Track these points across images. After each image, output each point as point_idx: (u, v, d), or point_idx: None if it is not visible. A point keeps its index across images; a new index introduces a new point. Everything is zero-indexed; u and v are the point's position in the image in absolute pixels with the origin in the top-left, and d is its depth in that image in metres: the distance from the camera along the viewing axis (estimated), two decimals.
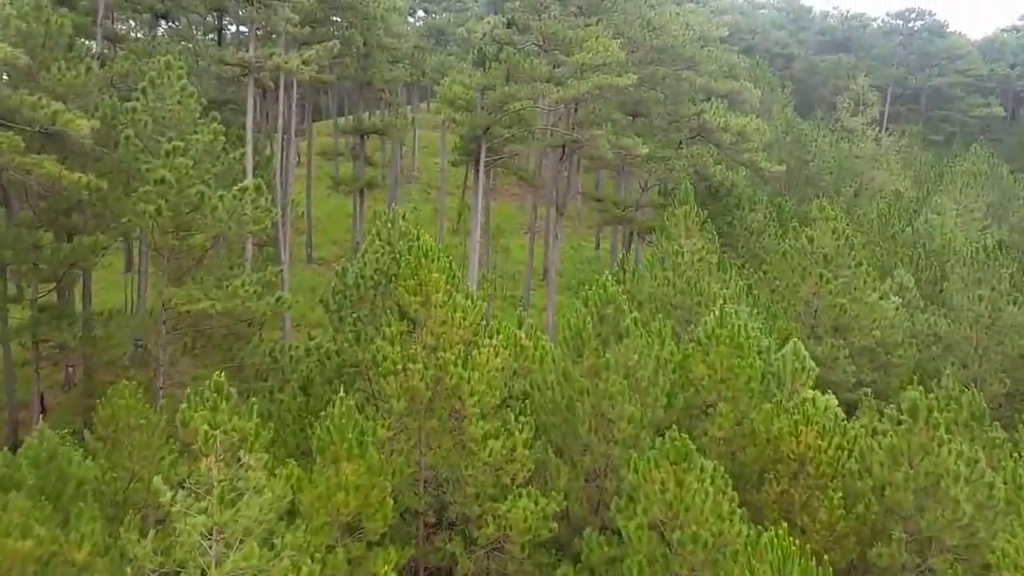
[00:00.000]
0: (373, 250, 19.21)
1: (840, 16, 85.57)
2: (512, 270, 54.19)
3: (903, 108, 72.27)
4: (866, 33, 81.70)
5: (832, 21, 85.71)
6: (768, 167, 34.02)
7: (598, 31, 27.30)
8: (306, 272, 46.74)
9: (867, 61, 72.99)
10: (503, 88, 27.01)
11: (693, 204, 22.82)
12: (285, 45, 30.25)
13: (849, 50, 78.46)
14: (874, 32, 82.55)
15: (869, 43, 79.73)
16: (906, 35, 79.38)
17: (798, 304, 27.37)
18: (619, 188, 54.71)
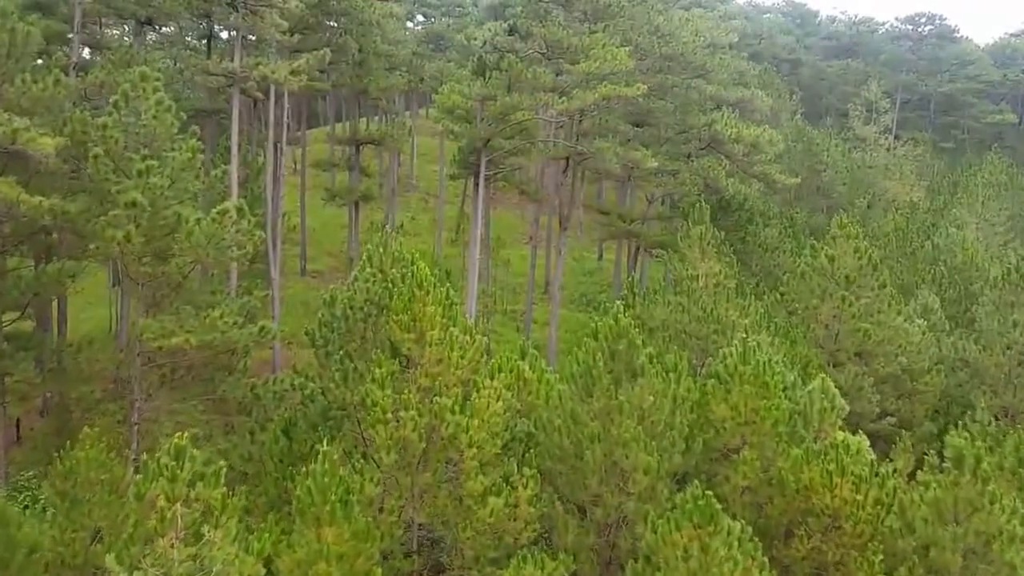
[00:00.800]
0: (364, 277, 17.69)
1: (848, 21, 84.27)
2: (513, 283, 52.77)
3: (911, 114, 70.87)
4: (874, 38, 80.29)
5: (839, 26, 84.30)
6: (782, 179, 32.54)
7: (605, 38, 25.86)
8: (299, 285, 45.22)
9: (876, 67, 71.57)
10: (504, 99, 25.55)
11: (708, 224, 21.32)
12: (276, 53, 28.83)
13: (856, 55, 77.02)
14: (882, 37, 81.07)
15: (877, 48, 78.32)
16: (915, 40, 77.98)
17: (818, 328, 25.86)
18: (623, 199, 53.24)
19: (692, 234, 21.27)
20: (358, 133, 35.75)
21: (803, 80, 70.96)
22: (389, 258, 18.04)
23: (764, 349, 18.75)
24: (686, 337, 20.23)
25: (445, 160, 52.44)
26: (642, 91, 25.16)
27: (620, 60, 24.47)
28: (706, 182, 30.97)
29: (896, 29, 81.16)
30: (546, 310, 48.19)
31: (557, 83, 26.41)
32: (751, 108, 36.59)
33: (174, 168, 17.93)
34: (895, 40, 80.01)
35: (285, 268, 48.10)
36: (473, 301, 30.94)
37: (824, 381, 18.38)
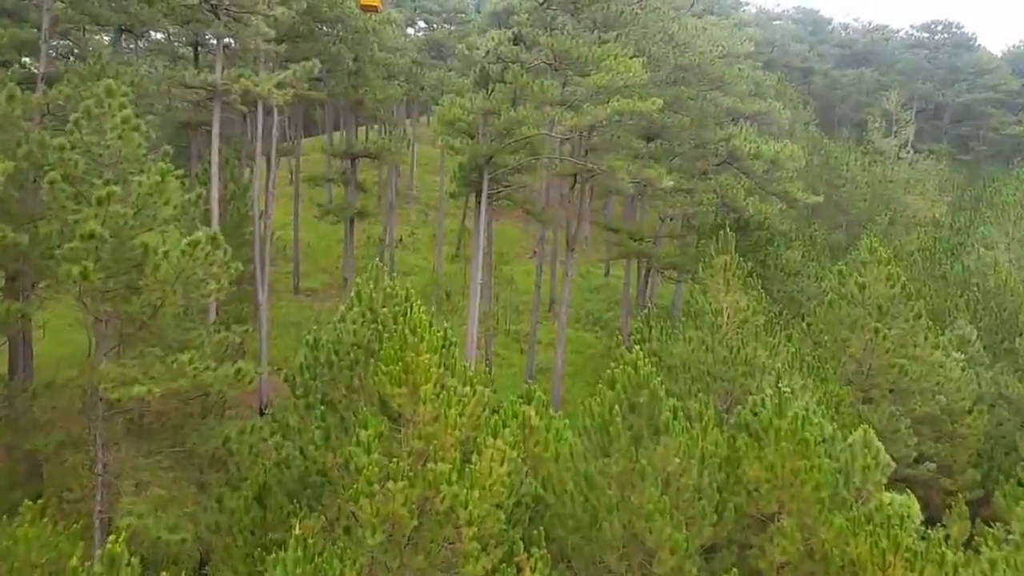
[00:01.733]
0: (352, 317, 15.90)
1: (861, 28, 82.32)
2: (516, 300, 50.94)
3: (926, 125, 69.02)
4: (888, 46, 78.51)
5: (852, 34, 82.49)
6: (803, 198, 30.73)
7: (617, 48, 24.10)
8: (292, 305, 43.42)
9: (891, 76, 69.78)
10: (509, 113, 23.77)
11: (734, 253, 19.49)
12: (263, 63, 27.10)
13: (870, 64, 75.22)
14: (897, 45, 79.25)
15: (892, 57, 76.50)
16: (931, 49, 76.18)
17: (848, 362, 24.02)
18: (631, 213, 51.42)
19: (715, 264, 19.47)
20: (353, 147, 34.00)
21: (815, 89, 69.20)
22: (380, 295, 16.23)
23: (798, 395, 16.93)
24: (711, 380, 18.39)
25: (445, 174, 50.79)
26: (658, 106, 23.39)
27: (634, 72, 22.71)
28: (723, 201, 29.18)
29: (911, 37, 79.41)
30: (551, 329, 46.37)
31: (565, 96, 24.63)
32: (768, 121, 34.80)
33: (140, 194, 16.13)
34: (910, 48, 78.21)
35: (277, 286, 46.35)
36: (474, 326, 29.12)
37: (866, 433, 16.54)
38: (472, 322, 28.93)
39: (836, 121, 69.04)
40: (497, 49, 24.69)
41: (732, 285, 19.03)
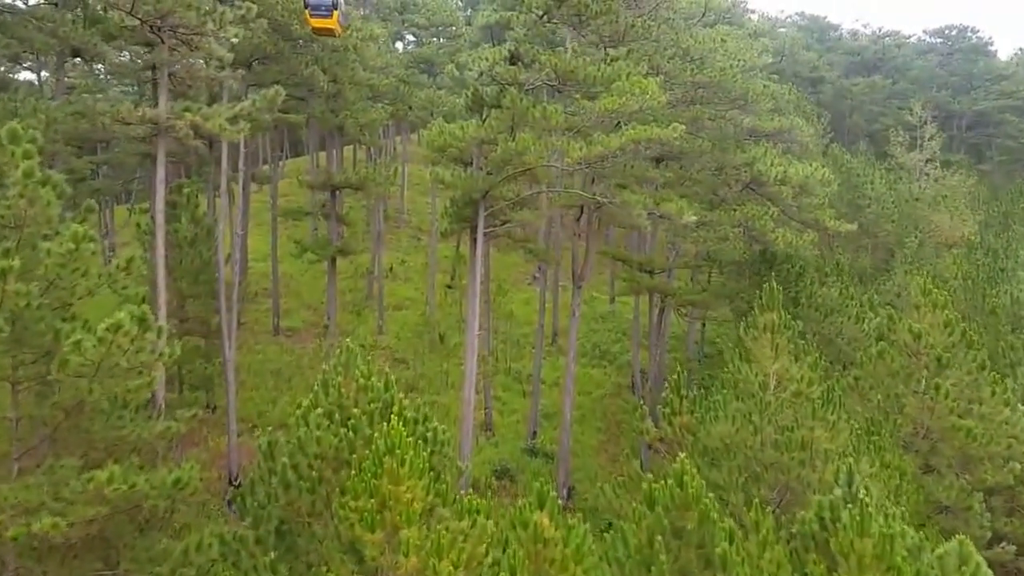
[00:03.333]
0: (314, 421, 12.67)
1: (872, 35, 79.52)
2: (516, 333, 47.76)
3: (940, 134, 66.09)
4: (900, 53, 75.71)
5: (862, 40, 79.63)
6: (836, 226, 27.67)
7: (629, 67, 21.02)
8: (270, 348, 40.11)
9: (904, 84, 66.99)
10: (507, 144, 20.65)
11: (781, 310, 16.35)
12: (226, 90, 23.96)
13: (881, 72, 72.41)
14: (908, 52, 76.42)
15: (904, 64, 73.70)
16: (944, 55, 73.46)
17: (903, 423, 20.86)
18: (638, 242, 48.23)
19: (759, 322, 16.34)
20: (334, 178, 30.87)
21: (824, 99, 66.34)
22: (352, 386, 13.03)
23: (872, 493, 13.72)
24: (761, 469, 15.20)
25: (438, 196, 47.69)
26: (679, 132, 20.33)
27: (651, 94, 19.65)
28: (750, 233, 26.13)
29: (923, 43, 76.65)
30: (555, 365, 43.13)
31: (571, 122, 21.54)
32: (789, 139, 31.74)
33: (49, 265, 12.95)
34: (922, 55, 75.45)
35: (255, 326, 43.07)
36: (472, 378, 25.87)
37: (963, 545, 13.33)
38: (469, 375, 25.71)
39: (847, 132, 66.23)
40: (492, 70, 21.59)
41: (781, 349, 15.88)
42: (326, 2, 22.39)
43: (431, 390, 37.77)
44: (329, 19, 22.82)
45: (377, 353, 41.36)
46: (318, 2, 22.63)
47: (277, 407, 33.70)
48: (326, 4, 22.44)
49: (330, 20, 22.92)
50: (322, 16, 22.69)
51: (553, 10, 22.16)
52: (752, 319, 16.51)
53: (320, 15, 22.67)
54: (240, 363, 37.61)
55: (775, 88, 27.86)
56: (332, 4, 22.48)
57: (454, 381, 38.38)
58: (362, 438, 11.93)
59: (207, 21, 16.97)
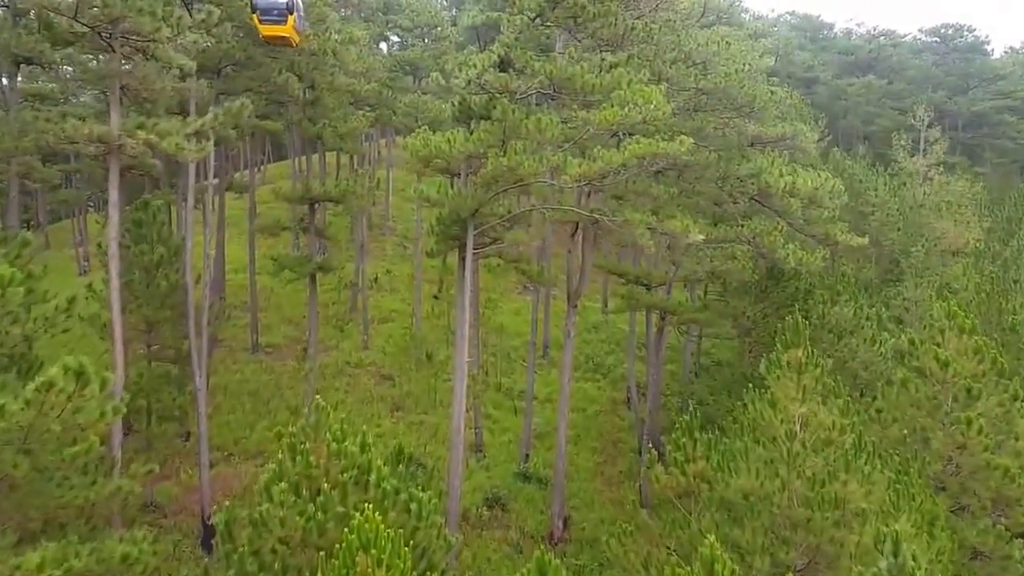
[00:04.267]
0: (277, 495, 10.83)
1: (866, 34, 78.11)
2: (506, 345, 45.98)
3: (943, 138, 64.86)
4: (895, 52, 74.34)
5: (856, 40, 78.21)
6: (847, 240, 26.06)
7: (629, 74, 19.28)
8: (249, 367, 38.14)
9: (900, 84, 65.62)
10: (499, 160, 18.88)
11: (807, 346, 14.65)
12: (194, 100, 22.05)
13: (876, 72, 70.99)
14: (903, 51, 75.04)
15: (899, 64, 72.32)
16: (941, 54, 72.18)
17: (932, 460, 19.24)
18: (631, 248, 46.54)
19: (783, 361, 14.63)
20: (312, 191, 28.96)
21: (819, 100, 64.79)
22: (321, 454, 11.21)
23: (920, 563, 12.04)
24: (790, 531, 13.49)
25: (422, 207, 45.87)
26: (687, 146, 18.62)
27: (655, 104, 17.94)
28: (759, 250, 24.47)
29: (919, 42, 75.32)
30: (547, 379, 41.40)
31: (568, 133, 19.79)
32: (792, 146, 30.07)
33: None
34: (917, 54, 74.13)
35: (232, 343, 41.04)
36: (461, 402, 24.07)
37: None
38: (458, 404, 23.91)
39: (841, 134, 64.84)
40: (480, 77, 19.80)
41: (809, 391, 14.19)
42: (278, 4, 18.11)
43: (418, 408, 36.00)
44: (283, 25, 18.55)
45: (362, 370, 39.63)
46: (268, 4, 18.27)
47: (255, 432, 31.83)
48: (278, 7, 18.14)
49: (284, 27, 18.63)
50: (274, 22, 18.45)
51: (547, 12, 20.42)
52: (775, 356, 14.81)
53: (272, 20, 18.36)
54: (216, 384, 35.71)
55: (782, 94, 26.17)
56: (287, 6, 18.11)
57: (442, 398, 36.60)
58: (334, 517, 10.12)
59: (162, 27, 15.11)
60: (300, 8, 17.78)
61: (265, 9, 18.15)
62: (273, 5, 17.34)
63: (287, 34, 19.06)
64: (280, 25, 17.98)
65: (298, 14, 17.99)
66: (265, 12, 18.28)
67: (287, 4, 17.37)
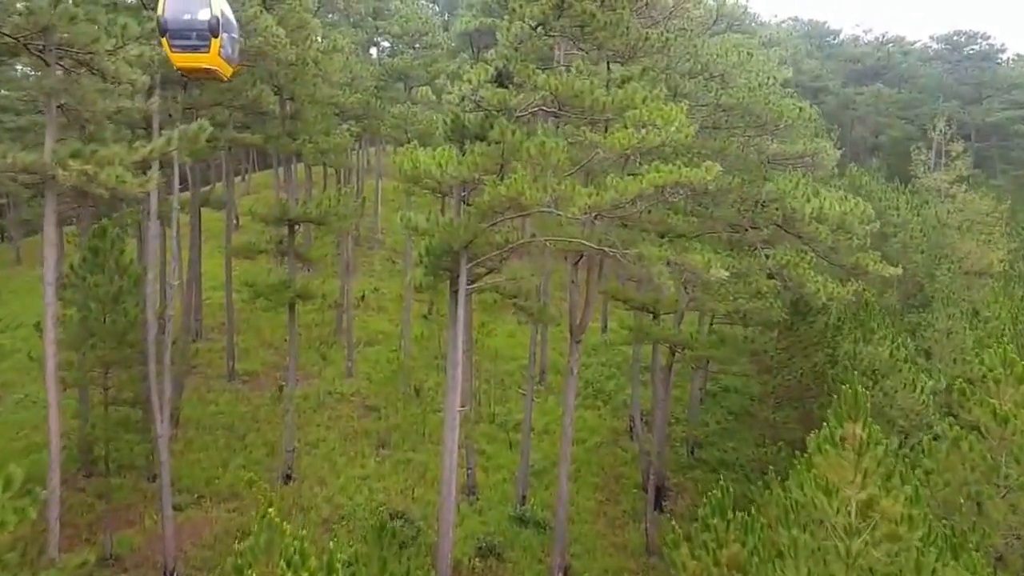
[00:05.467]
0: None
1: (874, 42, 76.06)
2: (500, 370, 43.71)
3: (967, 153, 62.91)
4: (906, 60, 72.38)
5: (864, 47, 76.24)
6: (879, 270, 23.94)
7: (645, 89, 17.09)
8: (224, 396, 35.71)
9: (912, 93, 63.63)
10: (496, 188, 16.66)
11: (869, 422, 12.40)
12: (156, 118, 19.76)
13: (884, 80, 69.05)
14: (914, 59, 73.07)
15: (909, 72, 70.37)
16: (953, 63, 70.29)
17: (992, 533, 17.04)
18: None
19: (837, 436, 12.40)
20: (289, 211, 26.70)
21: (827, 110, 62.89)
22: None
23: None
24: None
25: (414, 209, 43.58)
26: (714, 174, 16.45)
27: (677, 125, 15.73)
28: (785, 284, 22.31)
29: (930, 50, 73.44)
30: (544, 408, 39.16)
31: (576, 158, 17.58)
32: (812, 164, 27.94)
33: None
34: (928, 62, 72.24)
35: (208, 370, 38.64)
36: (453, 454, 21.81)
37: None
38: (449, 453, 21.63)
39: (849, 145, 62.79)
40: (475, 93, 17.59)
41: (870, 474, 11.97)
42: (196, 25, 11.97)
43: (405, 444, 33.63)
44: (203, 53, 12.25)
45: (345, 401, 37.26)
46: (182, 25, 12.08)
47: (228, 472, 29.43)
48: (197, 28, 12.00)
49: (205, 55, 12.41)
50: (191, 48, 12.11)
51: (551, 20, 18.22)
52: (827, 431, 12.58)
53: (187, 47, 12.03)
54: (188, 418, 33.35)
55: (809, 110, 24.06)
56: (209, 27, 12.10)
57: (431, 432, 34.31)
58: None
59: (102, 37, 12.86)
60: (233, 27, 12.25)
61: (178, 31, 12.05)
62: (189, 26, 11.51)
63: (210, 65, 12.60)
64: (199, 53, 11.87)
65: (228, 36, 12.21)
66: (178, 35, 12.16)
67: (209, 24, 11.55)
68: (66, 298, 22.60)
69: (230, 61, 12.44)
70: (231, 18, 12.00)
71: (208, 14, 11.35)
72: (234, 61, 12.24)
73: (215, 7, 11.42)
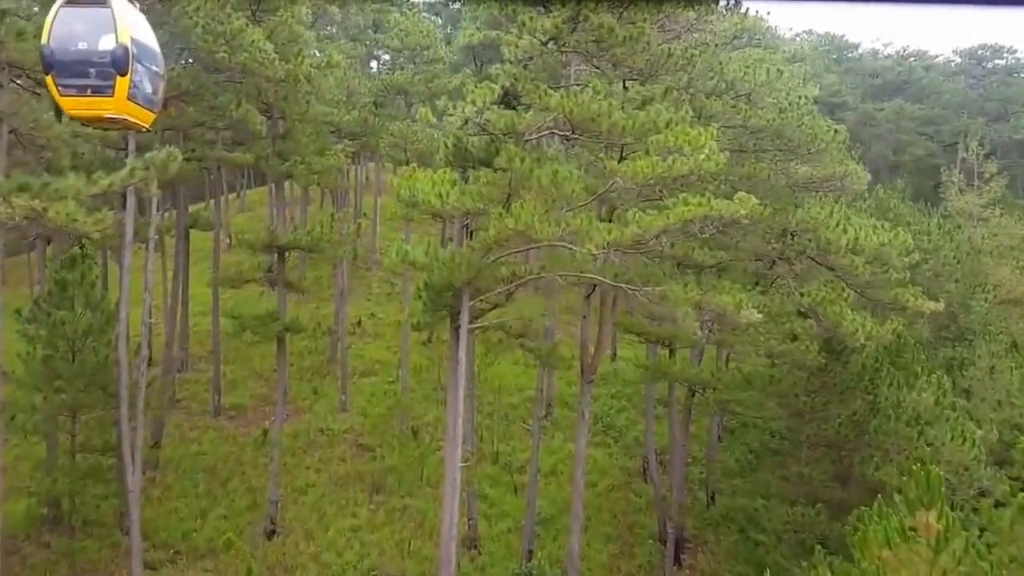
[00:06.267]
0: None
1: (895, 55, 74.82)
2: (503, 403, 42.04)
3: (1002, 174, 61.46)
4: (927, 75, 71.08)
5: (884, 61, 75.00)
6: (919, 306, 22.40)
7: (669, 112, 15.65)
8: (208, 434, 34.03)
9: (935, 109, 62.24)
10: (502, 221, 15.19)
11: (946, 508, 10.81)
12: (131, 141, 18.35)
13: (905, 95, 67.69)
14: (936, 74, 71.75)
15: (930, 87, 69.05)
16: (978, 77, 68.97)
17: None
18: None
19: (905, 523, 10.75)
20: (278, 239, 25.25)
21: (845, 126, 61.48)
22: None
23: None
24: None
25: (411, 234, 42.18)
26: (750, 207, 14.98)
27: (707, 152, 14.26)
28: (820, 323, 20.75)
29: (953, 64, 72.12)
30: (551, 445, 37.52)
31: (590, 184, 16.13)
32: (842, 188, 26.49)
33: None
34: (951, 77, 70.93)
35: (192, 404, 37.08)
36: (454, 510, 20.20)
37: None
38: (450, 507, 20.02)
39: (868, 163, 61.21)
40: (480, 116, 16.17)
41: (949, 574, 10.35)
42: (92, 58, 7.29)
43: (402, 489, 31.86)
44: (105, 98, 7.41)
45: (338, 440, 35.57)
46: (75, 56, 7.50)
47: (207, 524, 27.66)
48: (95, 61, 7.30)
49: (108, 100, 7.54)
50: (88, 91, 7.41)
51: (564, 35, 16.81)
52: (898, 518, 10.96)
53: (82, 88, 7.51)
54: (168, 460, 31.68)
55: (843, 132, 22.65)
56: (114, 63, 7.30)
57: (430, 475, 32.63)
58: None
59: None
60: (154, 57, 7.87)
61: (68, 66, 7.70)
62: (83, 58, 7.52)
63: (117, 114, 7.89)
64: (100, 97, 7.52)
65: (145, 70, 7.72)
66: (68, 72, 7.75)
67: (114, 56, 7.37)
68: (29, 334, 21.09)
69: (150, 105, 7.61)
70: (150, 45, 7.50)
71: (112, 41, 7.34)
72: (157, 104, 7.74)
73: (123, 32, 7.22)
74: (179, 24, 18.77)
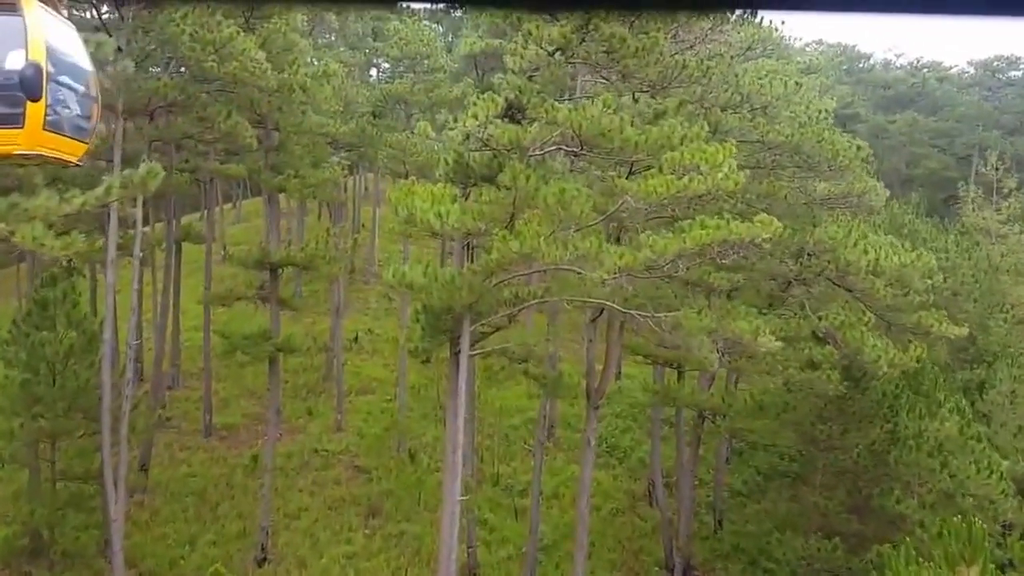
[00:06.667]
0: None
1: (908, 67, 74.07)
2: (504, 425, 41.16)
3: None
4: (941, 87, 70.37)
5: (897, 72, 74.27)
6: (943, 331, 21.59)
7: (684, 127, 14.90)
8: (198, 455, 33.22)
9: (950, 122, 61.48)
10: (506, 244, 14.42)
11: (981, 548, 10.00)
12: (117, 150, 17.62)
13: (918, 107, 66.94)
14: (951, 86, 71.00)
15: (945, 99, 68.30)
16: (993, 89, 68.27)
17: None
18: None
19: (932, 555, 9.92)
20: (271, 255, 24.49)
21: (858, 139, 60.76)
22: None
23: None
24: None
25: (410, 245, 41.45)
26: (772, 230, 14.22)
27: (726, 171, 13.50)
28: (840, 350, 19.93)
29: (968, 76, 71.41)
30: (553, 467, 36.65)
31: (599, 204, 15.37)
32: (859, 205, 25.67)
33: None
34: (966, 89, 70.20)
35: (183, 424, 36.31)
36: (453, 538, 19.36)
37: None
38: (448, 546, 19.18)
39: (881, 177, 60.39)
40: (483, 131, 15.42)
41: None
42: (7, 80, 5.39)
43: (399, 514, 31.02)
44: (11, 129, 5.43)
45: (333, 462, 34.73)
46: None
47: (196, 550, 26.86)
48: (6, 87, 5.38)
49: (15, 132, 5.51)
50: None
51: (572, 45, 16.08)
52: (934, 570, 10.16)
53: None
54: (157, 483, 30.85)
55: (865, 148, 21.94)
56: (22, 85, 5.35)
57: (428, 499, 31.78)
58: None
59: None
60: (82, 75, 6.06)
61: None
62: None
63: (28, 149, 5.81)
64: (7, 129, 5.54)
65: (69, 94, 5.91)
66: None
67: (22, 78, 5.46)
68: (8, 357, 20.32)
69: (80, 135, 6.03)
70: (77, 62, 5.91)
71: (22, 59, 5.64)
72: (90, 133, 5.91)
73: (35, 47, 5.23)
74: (165, 31, 18.08)
